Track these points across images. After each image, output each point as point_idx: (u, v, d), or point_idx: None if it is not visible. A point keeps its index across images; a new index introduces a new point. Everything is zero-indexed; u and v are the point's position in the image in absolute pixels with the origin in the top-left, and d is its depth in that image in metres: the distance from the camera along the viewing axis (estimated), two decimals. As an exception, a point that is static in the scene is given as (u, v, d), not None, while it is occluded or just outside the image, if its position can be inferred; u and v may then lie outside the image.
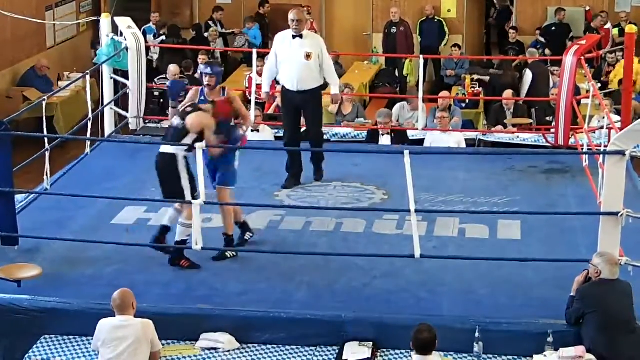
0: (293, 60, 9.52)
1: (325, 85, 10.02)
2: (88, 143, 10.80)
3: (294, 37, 9.53)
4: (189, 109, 8.08)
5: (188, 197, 7.80)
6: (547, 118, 12.81)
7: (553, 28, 17.66)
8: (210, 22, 17.87)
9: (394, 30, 17.36)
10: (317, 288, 7.73)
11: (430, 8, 17.79)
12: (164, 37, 17.03)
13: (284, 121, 9.86)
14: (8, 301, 7.36)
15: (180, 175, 7.84)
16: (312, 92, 9.61)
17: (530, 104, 13.29)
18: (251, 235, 8.55)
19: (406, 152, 7.44)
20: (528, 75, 13.98)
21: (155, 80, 14.19)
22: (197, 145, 7.64)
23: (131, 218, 9.05)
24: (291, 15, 9.56)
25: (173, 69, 13.59)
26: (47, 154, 9.45)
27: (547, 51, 16.67)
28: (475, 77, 15.16)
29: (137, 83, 11.39)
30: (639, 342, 6.84)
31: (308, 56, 9.46)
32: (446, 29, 17.80)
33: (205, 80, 8.23)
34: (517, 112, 12.94)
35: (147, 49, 12.41)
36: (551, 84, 13.91)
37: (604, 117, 10.09)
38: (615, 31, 17.06)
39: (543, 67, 14.26)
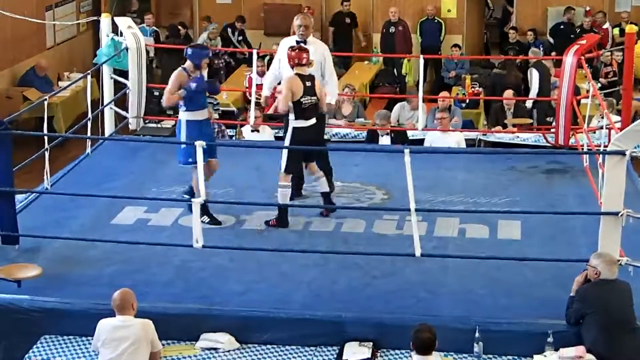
0: None
1: None
2: (89, 143, 10.81)
3: (297, 42, 9.27)
4: (309, 83, 8.77)
5: None
6: (548, 118, 12.81)
7: (562, 27, 17.64)
8: (229, 29, 17.80)
9: (392, 30, 17.38)
10: (317, 288, 7.73)
11: (433, 8, 17.82)
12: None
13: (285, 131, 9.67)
14: (8, 301, 7.36)
15: None
16: None
17: (535, 103, 13.26)
18: (208, 220, 8.69)
19: (406, 151, 7.46)
20: (535, 74, 13.90)
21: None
22: (197, 143, 7.66)
23: (131, 218, 9.05)
24: (297, 21, 9.33)
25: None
26: (47, 153, 9.45)
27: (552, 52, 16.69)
28: (475, 75, 15.18)
29: (137, 83, 11.38)
30: (639, 342, 6.84)
31: (309, 63, 9.15)
32: (443, 29, 17.82)
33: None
34: (518, 112, 12.93)
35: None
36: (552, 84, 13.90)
37: (603, 117, 10.09)
38: (616, 31, 17.06)
39: (546, 67, 14.23)
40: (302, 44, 9.18)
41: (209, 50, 8.92)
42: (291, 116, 8.78)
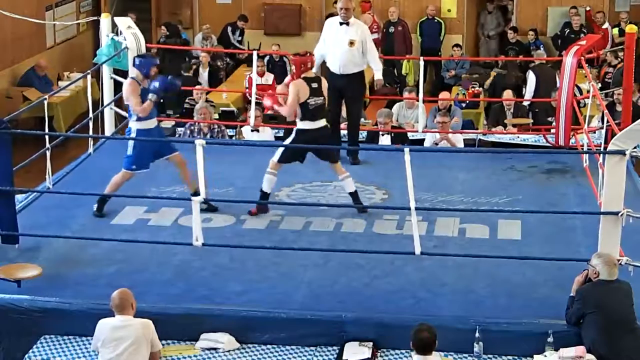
0: (338, 46, 10.21)
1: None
2: (90, 143, 10.80)
3: (340, 24, 10.24)
4: (315, 85, 8.90)
5: None
6: (548, 119, 12.79)
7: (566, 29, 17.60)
8: (229, 27, 17.81)
9: (392, 29, 17.40)
10: (317, 288, 7.73)
11: (433, 8, 17.82)
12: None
13: (329, 103, 9.96)
14: (8, 301, 7.36)
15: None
16: (354, 75, 10.30)
17: (532, 106, 13.23)
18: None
19: (406, 150, 7.46)
20: (531, 77, 13.87)
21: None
22: (197, 142, 7.65)
23: (131, 218, 9.05)
24: (340, 4, 10.32)
25: None
26: (48, 152, 9.44)
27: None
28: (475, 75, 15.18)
29: (137, 83, 11.35)
30: (639, 342, 6.84)
31: (351, 43, 10.12)
32: (443, 29, 17.82)
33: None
34: (518, 113, 12.92)
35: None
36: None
37: (603, 117, 10.08)
38: (615, 31, 17.05)
39: (547, 69, 14.17)
40: (345, 25, 10.17)
41: (156, 59, 9.24)
42: (298, 117, 8.93)
